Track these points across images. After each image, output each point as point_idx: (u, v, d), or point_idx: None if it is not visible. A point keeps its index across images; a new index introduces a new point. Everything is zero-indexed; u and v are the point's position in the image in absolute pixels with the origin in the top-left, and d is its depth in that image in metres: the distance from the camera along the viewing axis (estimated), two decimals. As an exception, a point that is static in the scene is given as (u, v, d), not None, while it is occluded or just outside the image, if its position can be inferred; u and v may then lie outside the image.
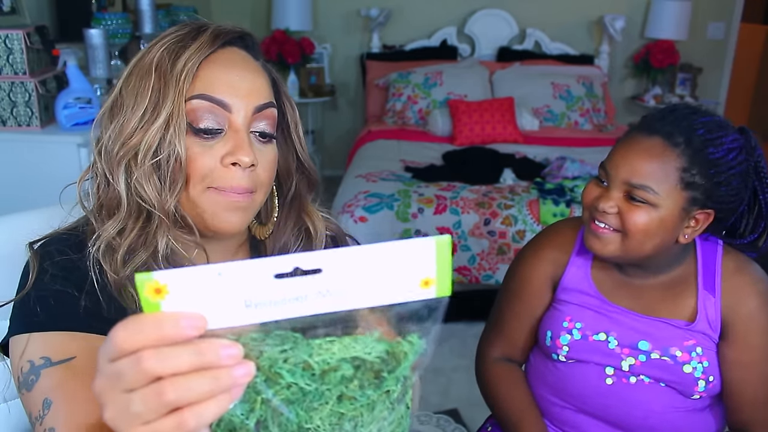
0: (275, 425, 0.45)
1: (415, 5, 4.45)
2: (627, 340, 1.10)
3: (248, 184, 0.75)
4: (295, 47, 4.13)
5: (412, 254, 0.43)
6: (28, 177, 1.97)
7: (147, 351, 0.40)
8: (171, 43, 0.74)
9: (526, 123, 3.82)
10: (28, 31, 2.00)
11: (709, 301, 1.09)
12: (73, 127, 2.03)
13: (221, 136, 0.75)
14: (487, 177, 3.06)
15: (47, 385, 0.70)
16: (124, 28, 2.56)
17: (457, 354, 2.57)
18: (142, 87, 0.73)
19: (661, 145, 1.00)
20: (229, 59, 0.76)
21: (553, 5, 4.41)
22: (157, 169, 0.73)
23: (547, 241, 1.21)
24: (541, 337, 1.19)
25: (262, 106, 0.77)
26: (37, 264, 0.76)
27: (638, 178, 1.00)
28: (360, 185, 2.95)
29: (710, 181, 0.99)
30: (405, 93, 3.99)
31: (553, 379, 1.18)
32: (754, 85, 6.13)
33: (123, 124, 0.74)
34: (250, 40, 0.80)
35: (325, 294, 0.43)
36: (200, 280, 0.41)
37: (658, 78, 4.43)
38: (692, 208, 1.01)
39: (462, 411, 2.25)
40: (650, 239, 1.02)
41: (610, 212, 1.03)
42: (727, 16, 4.56)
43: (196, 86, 0.73)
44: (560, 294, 1.18)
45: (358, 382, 0.46)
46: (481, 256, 2.76)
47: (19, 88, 1.99)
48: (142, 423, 0.41)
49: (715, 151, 0.99)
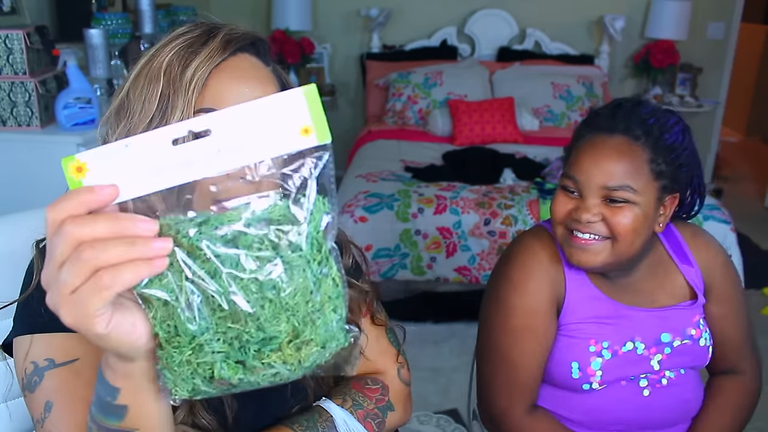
0: (204, 304, 0.48)
1: (415, 5, 4.45)
2: (651, 339, 1.11)
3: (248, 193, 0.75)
4: (295, 47, 4.13)
5: (287, 106, 0.48)
6: (28, 177, 1.97)
7: (68, 219, 0.45)
8: (181, 47, 0.73)
9: (526, 123, 3.82)
10: (28, 31, 2.00)
11: (691, 272, 1.14)
12: (73, 127, 2.03)
13: None
14: (487, 177, 3.06)
15: (49, 387, 0.70)
16: (124, 28, 2.56)
17: (457, 354, 2.57)
18: (151, 92, 0.72)
19: (625, 142, 1.00)
20: (238, 68, 0.74)
21: (553, 5, 4.41)
22: None
23: (534, 261, 1.10)
24: (561, 371, 1.10)
25: None
26: (41, 263, 0.76)
27: (615, 179, 0.99)
28: (360, 185, 2.95)
29: (673, 165, 1.02)
30: (405, 93, 3.99)
31: (583, 414, 1.12)
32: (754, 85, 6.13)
33: (130, 129, 0.73)
34: (261, 46, 0.78)
35: (218, 153, 0.47)
36: (111, 154, 0.47)
37: (658, 78, 4.44)
38: (663, 196, 1.04)
39: (462, 411, 2.25)
40: (638, 237, 1.02)
41: (594, 221, 1.01)
42: (727, 16, 4.56)
43: (204, 97, 0.72)
44: (567, 317, 1.10)
45: (269, 243, 0.48)
46: (481, 256, 2.76)
47: (19, 88, 1.99)
48: (70, 292, 0.45)
49: (669, 136, 1.01)
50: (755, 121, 6.19)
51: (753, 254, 3.42)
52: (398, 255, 2.78)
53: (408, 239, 2.76)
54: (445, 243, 2.76)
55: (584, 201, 1.02)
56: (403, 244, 2.76)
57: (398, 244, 2.76)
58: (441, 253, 2.77)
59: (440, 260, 2.77)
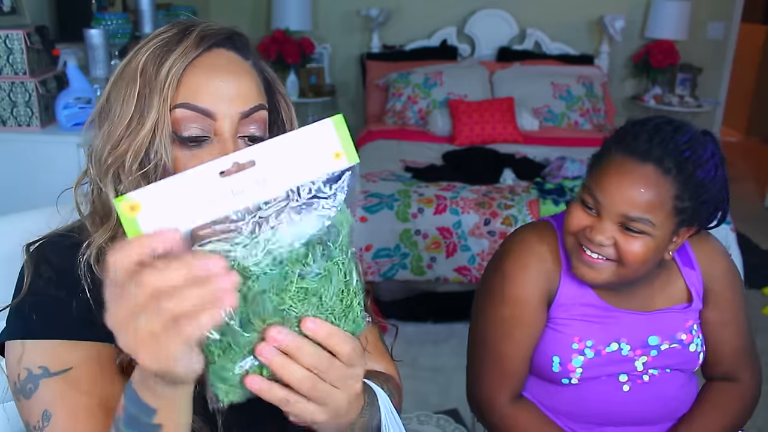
0: (256, 317, 0.52)
1: (415, 5, 4.45)
2: (638, 341, 1.11)
3: None
4: (295, 47, 4.13)
5: (319, 135, 0.54)
6: (28, 177, 1.97)
7: (144, 269, 0.46)
8: (156, 47, 0.73)
9: (526, 123, 3.82)
10: (28, 31, 2.00)
11: (692, 275, 1.14)
12: (73, 127, 2.03)
13: (208, 144, 0.73)
14: (487, 177, 3.06)
15: (46, 396, 0.70)
16: (124, 28, 2.56)
17: (457, 354, 2.57)
18: (128, 93, 0.72)
19: (654, 174, 0.97)
20: (214, 63, 0.74)
21: (553, 5, 4.41)
22: (144, 177, 0.71)
23: (531, 254, 1.11)
24: (543, 364, 1.11)
25: (249, 111, 0.74)
26: (32, 267, 0.76)
27: (636, 210, 0.98)
28: (360, 185, 2.95)
29: (697, 201, 1.00)
30: (405, 93, 3.99)
31: (564, 405, 1.15)
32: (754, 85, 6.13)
33: (110, 131, 0.73)
34: (238, 40, 0.78)
35: (262, 182, 0.52)
36: (164, 191, 0.49)
37: (658, 78, 4.43)
38: (679, 229, 1.03)
39: (462, 411, 2.25)
40: (645, 265, 1.03)
41: (606, 244, 1.00)
42: (727, 15, 4.56)
43: (180, 93, 0.72)
44: (556, 311, 1.11)
45: (311, 256, 0.53)
46: (481, 256, 2.76)
47: (19, 88, 1.99)
48: (148, 335, 0.46)
49: (702, 172, 0.98)
50: (755, 121, 6.18)
51: (753, 254, 3.41)
52: (398, 255, 2.78)
53: (408, 239, 2.76)
54: (445, 243, 2.76)
55: (600, 222, 1.00)
56: (403, 244, 2.76)
57: (398, 244, 2.76)
58: (441, 253, 2.77)
59: (440, 260, 2.78)
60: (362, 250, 2.73)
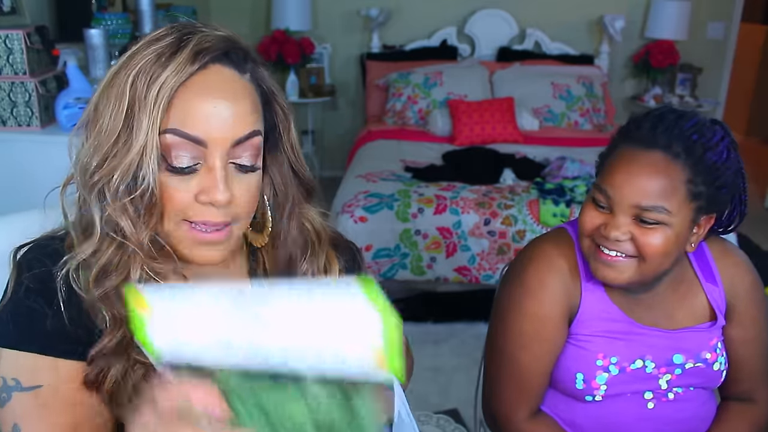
0: None
1: (415, 5, 4.45)
2: (662, 359, 1.07)
3: (224, 218, 0.73)
4: (295, 47, 4.13)
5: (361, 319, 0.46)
6: (28, 177, 1.96)
7: None
8: (149, 60, 0.69)
9: (526, 123, 3.81)
10: (28, 31, 2.00)
11: (715, 291, 1.09)
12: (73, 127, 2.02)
13: (197, 170, 0.71)
14: (487, 177, 3.06)
15: (17, 410, 0.71)
16: (124, 28, 2.56)
17: (457, 354, 2.57)
18: (116, 108, 0.69)
19: (663, 160, 0.94)
20: (207, 84, 0.70)
21: (553, 5, 4.41)
22: (132, 203, 0.70)
23: (551, 269, 1.07)
24: (566, 380, 1.08)
25: (242, 139, 0.71)
26: (15, 274, 0.75)
27: (648, 199, 0.93)
28: (360, 185, 2.95)
29: (712, 186, 0.95)
30: (405, 93, 3.99)
31: (587, 421, 1.11)
32: (754, 85, 6.13)
33: (97, 144, 0.71)
34: (235, 54, 0.73)
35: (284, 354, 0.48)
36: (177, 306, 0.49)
37: (658, 78, 4.43)
38: (698, 217, 0.98)
39: (462, 411, 2.25)
40: (667, 258, 0.98)
41: (623, 239, 0.96)
42: (727, 16, 4.55)
43: (170, 117, 0.69)
44: (578, 328, 1.07)
45: None
46: (481, 256, 2.76)
47: (19, 88, 1.98)
48: None
49: (712, 155, 0.95)
50: (755, 121, 6.18)
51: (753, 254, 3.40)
52: (398, 255, 2.78)
53: (408, 239, 2.76)
54: (445, 243, 2.76)
55: (614, 218, 0.96)
56: (403, 244, 2.76)
57: (398, 244, 2.76)
58: (441, 253, 2.77)
59: (440, 260, 2.77)
60: (362, 250, 2.72)
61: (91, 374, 0.73)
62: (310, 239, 0.86)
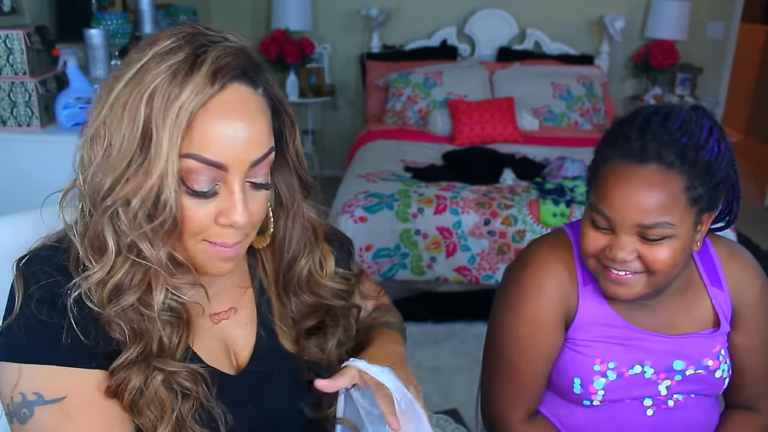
0: None
1: (415, 5, 4.45)
2: (662, 365, 1.05)
3: (241, 236, 0.75)
4: (295, 47, 4.13)
5: None
6: (28, 177, 1.96)
7: None
8: (165, 78, 0.67)
9: (526, 123, 3.82)
10: (28, 31, 2.00)
11: (720, 296, 1.07)
12: (73, 127, 2.02)
13: (215, 193, 0.72)
14: (487, 177, 3.06)
15: (42, 424, 0.69)
16: (124, 28, 2.56)
17: (457, 354, 2.57)
18: (130, 129, 0.67)
19: (658, 172, 0.91)
20: (227, 106, 0.69)
21: (553, 5, 4.41)
22: (153, 231, 0.70)
23: (548, 274, 1.06)
24: (564, 384, 1.07)
25: (260, 159, 0.73)
26: (22, 287, 0.73)
27: (650, 216, 0.91)
28: (360, 185, 2.95)
29: (710, 185, 0.93)
30: (405, 93, 3.99)
31: (585, 426, 1.10)
32: (754, 85, 6.13)
33: (109, 164, 0.69)
34: (251, 71, 0.73)
35: None
36: None
37: (658, 78, 4.43)
38: (700, 218, 0.96)
39: (462, 411, 2.25)
40: (677, 267, 0.96)
41: (629, 259, 0.94)
42: (727, 15, 4.56)
43: (190, 140, 0.68)
44: (576, 332, 1.06)
45: None
46: (481, 256, 2.76)
47: (19, 88, 1.99)
48: None
49: (705, 153, 0.92)
50: (755, 121, 6.18)
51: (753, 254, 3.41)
52: (398, 255, 2.78)
53: (408, 239, 2.76)
54: (445, 243, 2.76)
55: (617, 238, 0.94)
56: (403, 244, 2.76)
57: (398, 244, 2.76)
58: (441, 253, 2.77)
59: (440, 260, 2.77)
60: (362, 250, 2.73)
61: (112, 385, 0.72)
62: (308, 237, 0.88)
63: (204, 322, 0.83)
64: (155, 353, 0.73)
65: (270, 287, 0.90)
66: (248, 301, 0.88)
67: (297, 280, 0.88)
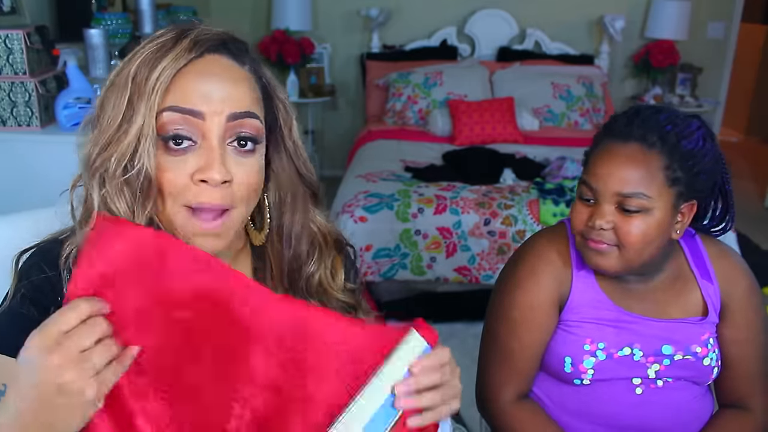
0: None
1: (415, 5, 4.45)
2: (651, 349, 1.10)
3: (221, 201, 0.72)
4: (295, 47, 4.13)
5: None
6: (28, 177, 1.97)
7: None
8: (150, 52, 0.72)
9: (526, 123, 3.82)
10: (28, 31, 2.00)
11: (710, 288, 1.13)
12: (73, 127, 2.03)
13: (194, 150, 0.72)
14: (487, 177, 3.06)
15: None
16: (124, 28, 2.56)
17: (457, 354, 2.54)
18: (119, 99, 0.71)
19: (639, 150, 1.01)
20: (206, 69, 0.72)
21: (553, 5, 4.41)
22: (128, 183, 0.71)
23: (541, 260, 1.14)
24: (555, 363, 1.13)
25: (240, 114, 0.73)
26: (16, 279, 0.75)
27: (629, 186, 1.00)
28: (360, 185, 2.95)
29: (690, 172, 1.01)
30: (405, 93, 3.99)
31: (576, 404, 1.14)
32: (754, 85, 6.13)
33: (100, 134, 0.72)
34: (234, 45, 0.76)
35: None
36: None
37: (658, 78, 4.44)
38: (679, 203, 1.03)
39: (462, 411, 2.25)
40: (649, 245, 1.03)
41: (606, 228, 1.02)
42: (727, 15, 4.56)
43: (168, 98, 0.71)
44: (569, 314, 1.13)
45: None
46: (481, 256, 2.76)
47: (19, 88, 1.99)
48: None
49: (687, 143, 1.01)
50: (755, 121, 6.18)
51: (753, 254, 3.41)
52: (398, 255, 2.78)
53: (408, 239, 2.76)
54: (445, 243, 2.76)
55: (599, 207, 1.03)
56: (403, 244, 2.76)
57: (398, 244, 2.76)
58: (441, 253, 2.77)
59: (440, 260, 2.77)
60: (362, 250, 2.73)
61: None
62: (318, 242, 0.87)
63: None
64: None
65: (278, 290, 0.88)
66: None
67: (306, 284, 0.86)
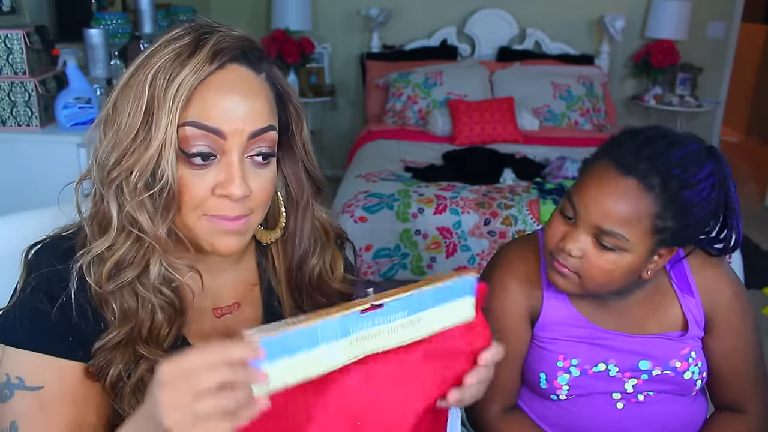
0: None
1: (415, 5, 4.45)
2: (627, 364, 1.07)
3: (242, 211, 0.74)
4: (295, 47, 4.13)
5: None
6: (28, 177, 1.97)
7: None
8: (168, 59, 0.71)
9: (526, 123, 3.82)
10: (28, 31, 2.00)
11: (691, 303, 1.09)
12: (72, 127, 2.03)
13: (214, 164, 0.72)
14: (487, 177, 3.06)
15: (18, 408, 0.72)
16: (124, 28, 2.56)
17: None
18: (136, 106, 0.71)
19: (635, 188, 0.91)
20: (226, 82, 0.72)
21: (553, 5, 4.41)
22: (150, 199, 0.71)
23: (510, 275, 1.10)
24: (533, 379, 1.11)
25: (259, 131, 0.73)
26: (25, 273, 0.77)
27: (610, 223, 0.93)
28: (360, 185, 2.95)
29: (680, 222, 0.93)
30: (405, 93, 3.99)
31: (557, 419, 1.12)
32: (754, 85, 6.13)
33: (116, 141, 0.72)
34: (252, 54, 0.76)
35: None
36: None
37: (658, 78, 4.43)
38: (658, 249, 0.97)
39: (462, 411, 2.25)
40: (612, 282, 0.98)
41: (575, 255, 0.96)
42: (728, 15, 4.55)
43: (189, 111, 0.70)
44: (541, 331, 1.10)
45: None
46: (481, 256, 2.76)
47: (18, 88, 1.99)
48: None
49: (690, 193, 0.92)
50: (755, 121, 6.19)
51: (753, 254, 3.41)
52: (398, 255, 2.78)
53: (408, 239, 2.76)
54: (445, 243, 2.76)
55: (575, 231, 0.97)
56: (403, 244, 2.76)
57: (398, 244, 2.76)
58: (441, 253, 2.77)
59: (440, 260, 2.77)
60: (362, 250, 2.73)
61: (92, 368, 0.74)
62: (319, 236, 0.89)
63: (205, 315, 0.84)
64: (143, 339, 0.75)
65: (281, 286, 0.89)
66: (254, 299, 0.89)
67: (309, 279, 0.88)
